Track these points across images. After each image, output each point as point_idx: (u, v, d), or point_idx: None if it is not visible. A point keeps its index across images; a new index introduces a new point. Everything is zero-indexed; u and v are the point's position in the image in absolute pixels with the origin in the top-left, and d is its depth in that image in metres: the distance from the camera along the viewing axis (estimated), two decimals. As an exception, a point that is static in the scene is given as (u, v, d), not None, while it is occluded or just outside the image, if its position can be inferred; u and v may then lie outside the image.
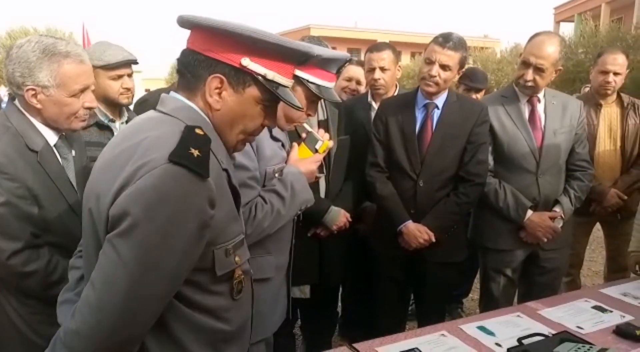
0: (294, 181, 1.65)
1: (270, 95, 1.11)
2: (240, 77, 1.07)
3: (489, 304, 2.39)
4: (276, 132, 1.73)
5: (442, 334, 1.71)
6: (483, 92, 3.41)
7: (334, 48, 2.38)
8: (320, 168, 1.89)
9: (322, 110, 2.31)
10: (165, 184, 0.92)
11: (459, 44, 2.13)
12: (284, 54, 1.09)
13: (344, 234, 2.27)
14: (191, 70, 1.08)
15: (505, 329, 1.75)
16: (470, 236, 2.57)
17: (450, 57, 2.13)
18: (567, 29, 23.12)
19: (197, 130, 1.02)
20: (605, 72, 2.82)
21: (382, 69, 2.61)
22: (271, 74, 1.08)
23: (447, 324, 1.83)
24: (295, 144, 1.81)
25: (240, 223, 1.14)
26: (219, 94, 1.08)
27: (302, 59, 1.14)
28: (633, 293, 2.11)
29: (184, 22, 1.08)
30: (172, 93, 1.12)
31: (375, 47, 2.68)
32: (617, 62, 2.83)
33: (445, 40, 2.14)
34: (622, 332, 1.72)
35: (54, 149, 1.63)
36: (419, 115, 2.27)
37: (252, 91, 1.09)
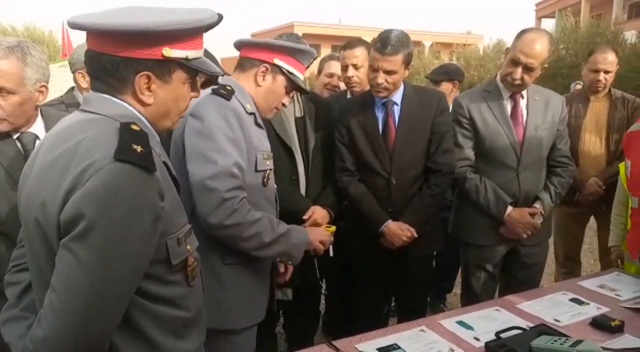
0: (294, 233, 1.74)
1: (194, 72, 1.16)
2: (165, 67, 1.10)
3: (470, 298, 2.41)
4: (259, 120, 1.77)
5: (422, 330, 1.72)
6: (452, 83, 3.49)
7: (318, 45, 2.41)
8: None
9: (298, 107, 2.30)
10: (116, 182, 0.94)
11: (399, 45, 2.10)
12: (195, 31, 1.11)
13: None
14: (112, 74, 1.07)
15: (484, 323, 1.76)
16: (451, 232, 2.59)
17: (392, 62, 2.11)
18: (548, 25, 23.40)
19: (133, 127, 1.03)
20: (596, 71, 2.92)
21: (356, 67, 2.56)
22: (191, 54, 1.11)
23: (426, 320, 1.84)
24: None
25: (184, 213, 1.18)
26: (149, 88, 1.09)
27: (207, 29, 1.16)
28: (610, 285, 2.14)
29: (90, 29, 1.04)
30: (95, 93, 1.10)
31: (348, 44, 2.66)
32: (608, 60, 2.92)
33: (383, 45, 2.10)
34: (598, 323, 1.74)
35: (16, 141, 1.66)
36: (380, 115, 2.27)
37: (178, 75, 1.13)
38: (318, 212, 2.20)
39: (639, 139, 2.16)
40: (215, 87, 1.66)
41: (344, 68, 2.61)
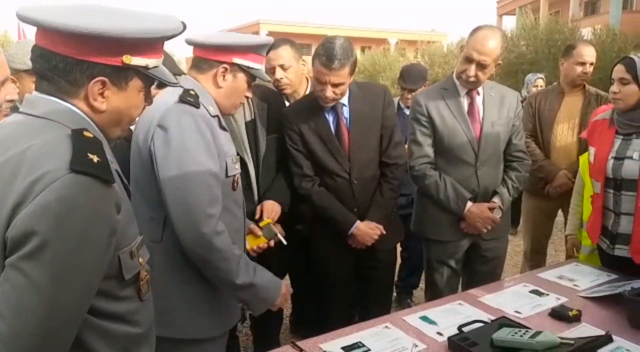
0: (265, 288, 1.66)
1: (151, 80, 1.12)
2: (122, 74, 1.05)
3: (434, 294, 2.44)
4: (223, 122, 1.74)
5: (386, 326, 1.72)
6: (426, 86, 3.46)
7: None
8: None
9: (249, 110, 2.27)
10: (72, 197, 0.87)
11: (345, 57, 2.06)
12: (158, 40, 1.09)
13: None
14: (63, 75, 1.00)
15: (447, 317, 1.78)
16: (413, 228, 2.61)
17: (339, 75, 2.08)
18: (510, 22, 23.95)
19: (86, 133, 0.97)
20: (583, 63, 3.02)
21: (283, 67, 2.41)
22: (151, 62, 1.08)
23: (391, 316, 1.84)
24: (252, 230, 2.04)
25: (136, 223, 1.12)
26: (102, 94, 1.03)
27: (170, 38, 1.12)
28: (568, 276, 2.19)
29: (46, 27, 0.96)
30: (39, 94, 1.03)
31: (272, 44, 2.53)
32: (591, 53, 3.05)
33: (329, 60, 2.05)
34: (557, 314, 1.79)
35: None
36: (330, 117, 2.26)
37: (135, 83, 1.08)
38: (270, 205, 2.19)
39: (602, 127, 2.22)
40: (182, 93, 1.59)
41: (271, 70, 2.45)
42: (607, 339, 1.53)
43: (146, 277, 1.13)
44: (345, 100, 2.26)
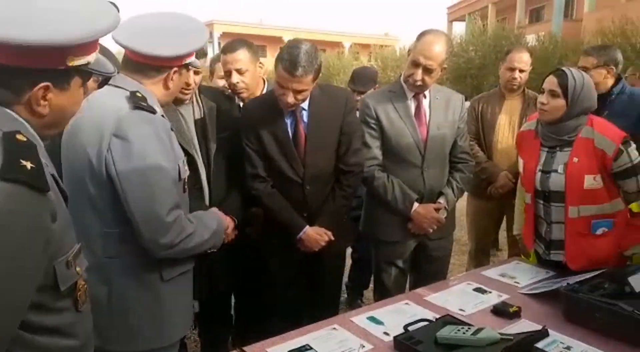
0: (216, 222, 1.79)
1: (89, 74, 1.12)
2: (65, 75, 1.03)
3: (382, 294, 2.46)
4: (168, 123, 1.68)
5: (334, 328, 1.73)
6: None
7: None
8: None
9: (198, 109, 2.22)
10: (3, 207, 0.82)
11: (309, 64, 2.00)
12: (95, 39, 1.06)
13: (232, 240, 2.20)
14: (3, 84, 0.96)
15: (393, 317, 1.81)
16: (362, 229, 2.63)
17: (302, 83, 2.03)
18: (460, 28, 24.66)
19: (19, 137, 0.91)
20: (512, 69, 3.10)
21: (240, 71, 2.34)
22: (91, 58, 1.06)
23: (339, 317, 1.85)
24: None
25: (73, 230, 1.07)
26: (44, 98, 0.99)
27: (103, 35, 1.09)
28: (510, 273, 2.27)
29: None
30: None
31: (227, 47, 2.44)
32: (523, 59, 3.11)
33: (293, 67, 1.98)
34: (498, 310, 1.85)
35: None
36: (288, 119, 2.21)
37: (77, 81, 1.07)
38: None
39: (528, 140, 2.28)
40: (130, 97, 1.53)
41: (227, 73, 2.39)
42: (543, 334, 1.59)
43: (84, 286, 1.08)
44: (305, 103, 2.21)
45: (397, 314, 1.83)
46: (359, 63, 24.55)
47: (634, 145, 2.04)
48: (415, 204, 2.39)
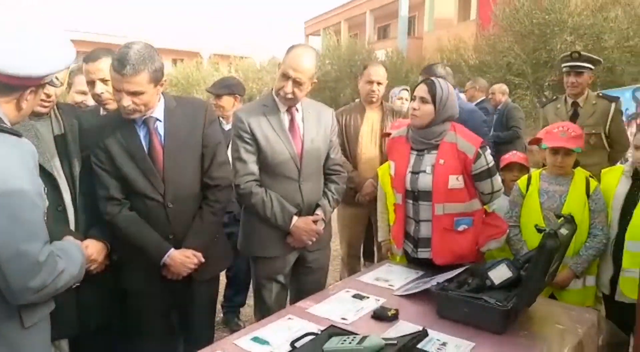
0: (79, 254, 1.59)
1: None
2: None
3: (263, 312, 2.39)
4: None
5: (218, 355, 1.63)
6: (234, 97, 3.49)
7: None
8: None
9: (57, 124, 2.00)
10: None
11: (140, 62, 1.86)
12: None
13: (100, 270, 2.00)
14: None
15: (278, 334, 1.77)
16: (240, 247, 2.55)
17: (135, 83, 1.88)
18: (316, 42, 25.68)
19: None
20: (371, 82, 3.30)
21: (104, 81, 2.24)
22: None
23: (221, 343, 1.76)
24: None
25: None
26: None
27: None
28: (383, 276, 2.37)
29: None
30: None
31: (90, 56, 2.30)
32: (379, 73, 3.34)
33: (121, 65, 1.85)
34: (378, 315, 1.91)
35: None
36: (142, 133, 2.06)
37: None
38: (93, 247, 1.94)
39: (399, 145, 2.45)
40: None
41: (91, 83, 2.25)
42: (424, 334, 1.68)
43: None
44: (159, 114, 2.07)
45: (282, 331, 1.80)
46: (220, 74, 24.23)
47: (489, 150, 2.32)
48: (295, 218, 2.38)
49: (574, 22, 9.91)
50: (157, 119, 2.07)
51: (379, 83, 3.32)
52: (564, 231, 1.85)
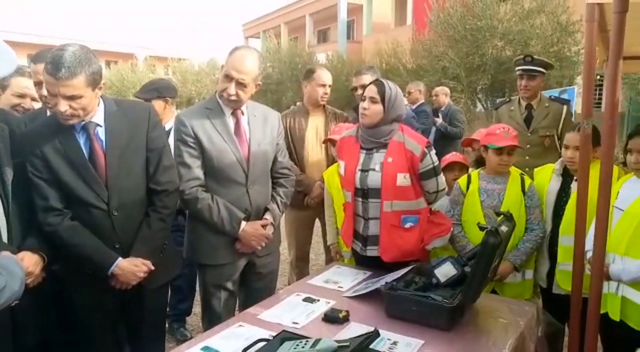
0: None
1: None
2: None
3: (212, 320, 2.33)
4: None
5: (167, 367, 1.57)
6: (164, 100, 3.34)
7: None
8: None
9: None
10: None
11: (76, 65, 1.79)
12: None
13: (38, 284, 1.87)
14: None
15: (229, 343, 1.73)
16: (186, 255, 2.48)
17: (71, 86, 1.80)
18: (255, 45, 25.52)
19: None
20: (324, 85, 3.37)
21: (39, 84, 2.19)
22: None
23: (170, 355, 1.69)
24: None
25: None
26: None
27: None
28: (333, 279, 2.38)
29: None
30: None
31: (36, 57, 2.22)
32: (329, 77, 3.45)
33: (55, 68, 1.77)
34: (329, 318, 1.91)
35: None
36: (82, 138, 1.97)
37: None
38: (28, 259, 1.82)
39: (349, 144, 2.48)
40: None
41: (38, 84, 2.16)
42: (376, 334, 1.69)
43: None
44: (99, 119, 1.99)
45: (233, 339, 1.76)
46: (156, 76, 23.55)
47: (434, 150, 2.39)
48: (243, 223, 2.34)
49: (504, 28, 10.43)
50: (98, 124, 1.98)
51: (329, 86, 3.40)
52: (504, 228, 1.94)
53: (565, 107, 3.66)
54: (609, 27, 1.89)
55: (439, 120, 5.88)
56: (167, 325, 3.40)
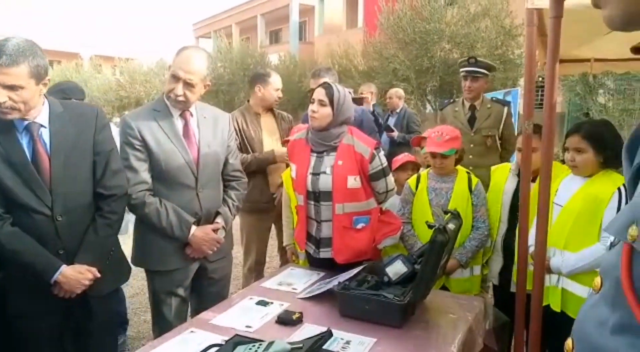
0: None
1: None
2: None
3: (163, 327, 2.26)
4: None
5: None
6: None
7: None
8: None
9: None
10: None
11: (19, 54, 1.73)
12: None
13: None
14: None
15: (181, 349, 1.70)
16: (134, 262, 2.40)
17: (13, 75, 1.73)
18: (206, 45, 25.13)
19: None
20: (278, 89, 3.41)
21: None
22: None
23: (119, 365, 1.64)
24: None
25: None
26: None
27: None
28: (286, 281, 2.37)
29: None
30: None
31: None
32: (281, 82, 3.47)
33: None
34: (282, 320, 1.91)
35: None
36: (24, 140, 1.90)
37: None
38: None
39: (299, 147, 2.48)
40: None
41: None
42: (329, 335, 1.70)
43: None
44: (44, 120, 1.91)
45: (184, 345, 1.73)
46: (103, 76, 22.76)
47: (382, 152, 2.43)
48: (193, 228, 2.30)
49: (451, 31, 10.72)
50: (42, 125, 1.91)
51: (282, 90, 3.47)
52: (451, 226, 1.99)
53: (505, 108, 3.80)
54: (547, 32, 1.98)
55: (396, 133, 5.91)
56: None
